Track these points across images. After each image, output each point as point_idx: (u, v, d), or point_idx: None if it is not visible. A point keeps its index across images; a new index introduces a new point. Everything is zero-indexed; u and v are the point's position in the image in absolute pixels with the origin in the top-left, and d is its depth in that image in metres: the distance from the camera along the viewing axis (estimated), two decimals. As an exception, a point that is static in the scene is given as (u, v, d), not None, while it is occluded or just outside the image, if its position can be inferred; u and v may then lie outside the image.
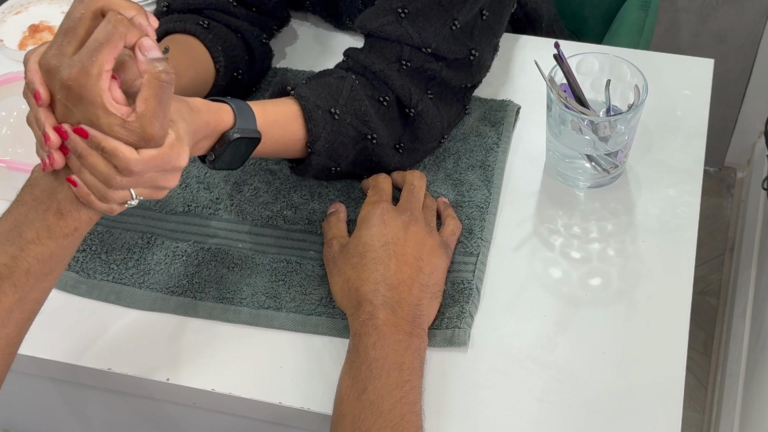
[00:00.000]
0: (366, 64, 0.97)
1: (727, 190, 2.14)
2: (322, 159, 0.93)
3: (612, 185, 1.02)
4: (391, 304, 0.84)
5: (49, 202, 0.73)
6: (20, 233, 0.73)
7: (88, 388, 0.95)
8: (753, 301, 1.70)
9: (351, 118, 0.93)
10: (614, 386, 0.86)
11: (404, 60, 0.97)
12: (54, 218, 0.73)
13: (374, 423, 0.76)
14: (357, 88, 0.94)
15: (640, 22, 1.32)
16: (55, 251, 0.74)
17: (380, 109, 0.96)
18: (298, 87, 0.92)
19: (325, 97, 0.92)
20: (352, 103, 0.93)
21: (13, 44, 1.18)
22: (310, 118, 0.90)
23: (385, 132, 0.96)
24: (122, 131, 0.70)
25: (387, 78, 0.96)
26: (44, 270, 0.74)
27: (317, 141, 0.91)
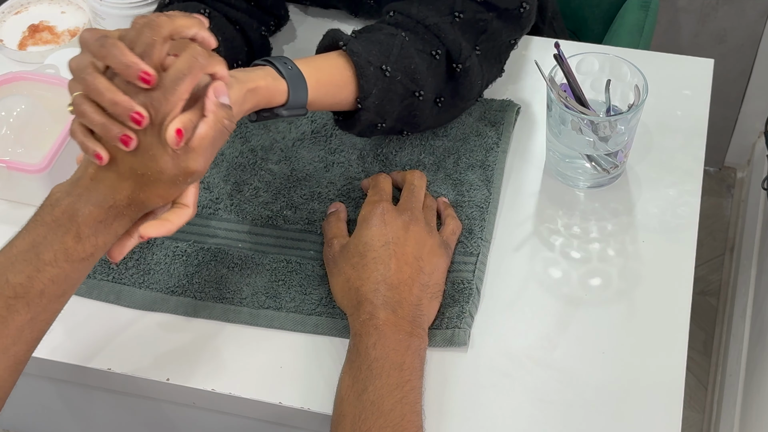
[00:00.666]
0: (418, 18, 0.97)
1: (727, 190, 2.13)
2: (370, 115, 0.93)
3: (612, 185, 1.02)
4: (392, 304, 0.84)
5: (69, 224, 0.74)
6: (38, 254, 0.73)
7: (88, 388, 0.95)
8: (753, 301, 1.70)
9: (401, 76, 0.93)
10: (614, 386, 0.86)
11: (457, 11, 0.97)
12: (73, 242, 0.74)
13: (375, 423, 0.76)
14: (407, 44, 0.94)
15: (640, 22, 1.32)
16: (70, 274, 0.75)
17: (432, 63, 0.95)
18: (350, 42, 0.91)
19: (376, 53, 0.92)
20: (403, 60, 0.93)
21: (12, 44, 1.18)
22: (362, 75, 0.90)
23: (432, 86, 0.96)
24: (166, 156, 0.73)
25: (440, 31, 0.96)
26: (57, 292, 0.75)
27: (368, 97, 0.91)
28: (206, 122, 0.74)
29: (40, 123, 1.00)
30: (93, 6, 1.14)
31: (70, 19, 1.21)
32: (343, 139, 1.05)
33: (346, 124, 0.95)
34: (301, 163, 1.03)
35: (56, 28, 1.19)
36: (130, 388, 0.91)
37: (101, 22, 1.15)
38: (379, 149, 1.04)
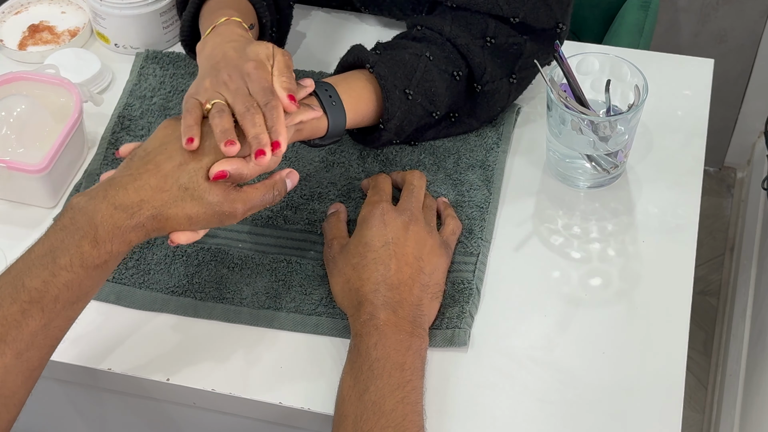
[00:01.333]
0: (449, 37, 0.99)
1: (727, 190, 2.13)
2: (390, 135, 0.97)
3: (612, 185, 1.02)
4: (392, 305, 0.84)
5: (87, 228, 0.75)
6: (54, 258, 0.74)
7: (88, 388, 0.95)
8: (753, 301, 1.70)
9: (422, 99, 0.96)
10: (614, 386, 0.86)
11: (489, 36, 0.99)
12: (89, 246, 0.75)
13: (376, 423, 0.76)
14: (430, 66, 0.97)
15: (640, 22, 1.32)
16: (84, 280, 0.75)
17: (452, 83, 0.98)
18: (377, 65, 0.94)
19: (400, 76, 0.95)
20: (424, 83, 0.96)
21: (13, 44, 1.18)
22: (388, 98, 0.94)
23: (447, 106, 0.99)
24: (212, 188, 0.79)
25: (469, 53, 0.98)
26: (71, 298, 0.75)
27: (391, 120, 0.95)
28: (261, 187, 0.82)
29: (40, 123, 1.00)
30: (93, 6, 1.14)
31: (70, 19, 1.21)
32: (343, 139, 1.05)
33: (364, 140, 0.98)
34: (301, 163, 1.03)
35: (56, 28, 1.19)
36: (130, 388, 0.90)
37: (101, 22, 1.15)
38: (379, 150, 1.04)
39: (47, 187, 0.99)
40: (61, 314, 0.75)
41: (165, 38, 1.17)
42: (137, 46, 1.16)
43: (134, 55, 1.16)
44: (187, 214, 0.78)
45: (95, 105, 1.07)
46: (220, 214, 0.80)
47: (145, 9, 1.13)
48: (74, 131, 1.00)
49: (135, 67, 1.15)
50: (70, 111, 1.02)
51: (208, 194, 0.79)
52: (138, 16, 1.13)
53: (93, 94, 1.06)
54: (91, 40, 1.20)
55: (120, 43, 1.16)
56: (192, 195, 0.78)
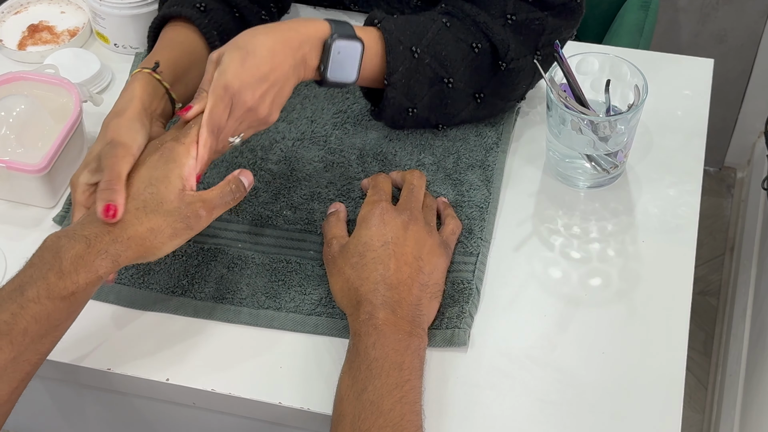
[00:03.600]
0: (470, 13, 0.99)
1: (727, 190, 2.13)
2: (398, 95, 0.96)
3: (612, 185, 1.02)
4: (391, 304, 0.84)
5: (53, 261, 0.77)
6: (22, 292, 0.76)
7: (88, 388, 0.95)
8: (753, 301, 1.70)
9: (430, 59, 0.95)
10: (614, 386, 0.86)
11: (509, 13, 0.98)
12: (55, 278, 0.76)
13: (374, 423, 0.76)
14: (445, 30, 0.96)
15: (640, 22, 1.32)
16: (52, 313, 0.76)
17: (469, 55, 0.97)
18: (384, 20, 0.94)
19: (409, 34, 0.94)
20: (435, 45, 0.95)
21: (12, 44, 1.18)
22: (390, 51, 0.93)
23: (465, 78, 0.98)
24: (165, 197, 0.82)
25: (488, 29, 0.98)
26: (40, 331, 0.76)
27: (393, 73, 0.94)
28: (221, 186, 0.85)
29: (40, 123, 1.00)
30: (93, 6, 1.14)
31: (70, 19, 1.21)
32: (342, 139, 1.05)
33: (377, 111, 0.99)
34: (301, 163, 1.03)
35: (56, 28, 1.19)
36: (129, 388, 0.91)
37: (101, 22, 1.15)
38: (379, 149, 1.04)
39: (47, 187, 0.99)
40: (30, 347, 0.76)
41: (165, 38, 1.17)
42: (137, 46, 1.16)
43: (134, 55, 1.16)
44: (148, 228, 0.80)
45: (95, 105, 1.07)
46: (185, 219, 0.81)
47: (145, 9, 1.13)
48: (74, 131, 1.00)
49: (134, 67, 1.15)
50: (69, 111, 1.02)
51: (164, 204, 0.81)
52: (138, 16, 1.13)
53: (92, 94, 1.06)
54: (91, 40, 1.20)
55: (119, 43, 1.16)
56: (146, 210, 0.81)
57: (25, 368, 0.77)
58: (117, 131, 0.86)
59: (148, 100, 0.91)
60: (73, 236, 0.78)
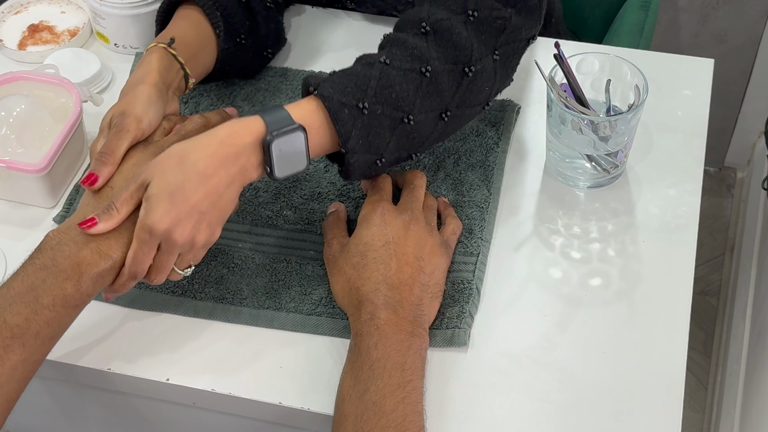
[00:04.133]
0: (422, 17, 0.91)
1: (727, 190, 2.13)
2: (360, 156, 0.88)
3: (612, 185, 1.02)
4: (393, 304, 0.84)
5: (71, 272, 0.78)
6: (36, 298, 0.77)
7: (88, 388, 0.95)
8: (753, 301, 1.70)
9: (382, 108, 0.87)
10: (614, 386, 0.86)
11: (470, 9, 0.91)
12: (73, 289, 0.78)
13: (377, 423, 0.76)
14: (387, 70, 0.88)
15: (640, 22, 1.32)
16: (63, 318, 0.79)
17: (422, 83, 0.88)
18: (320, 86, 0.86)
19: (351, 91, 0.86)
20: (382, 91, 0.87)
21: (12, 44, 1.18)
22: (337, 119, 0.85)
23: (426, 105, 0.89)
24: None
25: (451, 30, 0.90)
26: (50, 334, 0.78)
27: (348, 140, 0.86)
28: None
29: (40, 123, 1.00)
30: (93, 6, 1.14)
31: (70, 19, 1.21)
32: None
33: (345, 173, 0.90)
34: (301, 163, 1.03)
35: (56, 28, 1.19)
36: (130, 388, 0.90)
37: (101, 21, 1.15)
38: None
39: (47, 187, 0.99)
40: (39, 349, 0.78)
41: (165, 38, 1.17)
42: (137, 46, 1.16)
43: (134, 55, 1.16)
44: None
45: (95, 105, 1.07)
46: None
47: (145, 9, 1.13)
48: (74, 131, 1.00)
49: (135, 67, 1.15)
50: (69, 111, 1.02)
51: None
52: (138, 16, 1.13)
53: (93, 94, 1.06)
54: (91, 40, 1.20)
55: (120, 43, 1.16)
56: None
57: (33, 367, 0.78)
58: (131, 102, 0.86)
59: (165, 73, 0.92)
60: (87, 246, 0.79)
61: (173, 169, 0.80)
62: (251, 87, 1.11)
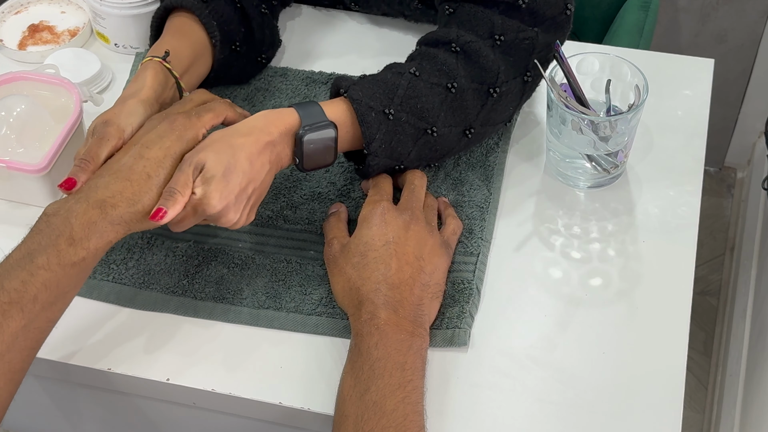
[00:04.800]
0: (451, 39, 0.95)
1: (727, 190, 2.13)
2: (381, 159, 0.93)
3: (612, 185, 1.02)
4: (393, 304, 0.84)
5: (62, 227, 0.77)
6: (32, 259, 0.76)
7: (88, 389, 0.95)
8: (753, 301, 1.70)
9: (407, 116, 0.91)
10: (614, 386, 0.86)
11: (497, 34, 0.95)
12: (65, 244, 0.76)
13: (377, 423, 0.76)
14: (415, 81, 0.92)
15: (640, 23, 1.32)
16: (62, 279, 0.77)
17: (447, 98, 0.93)
18: (351, 89, 0.91)
19: (379, 97, 0.91)
20: (409, 101, 0.92)
21: (12, 44, 1.18)
22: (363, 122, 0.90)
23: (449, 120, 0.94)
24: None
25: (479, 52, 0.94)
26: (50, 298, 0.76)
27: (372, 142, 0.91)
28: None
29: (40, 123, 1.00)
30: (93, 6, 1.14)
31: (70, 19, 1.21)
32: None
33: (362, 172, 0.95)
34: (301, 163, 1.03)
35: (56, 28, 1.19)
36: (130, 388, 0.91)
37: (101, 21, 1.15)
38: None
39: (47, 187, 0.99)
40: (40, 315, 0.76)
41: (165, 38, 1.17)
42: (137, 46, 1.16)
43: (134, 55, 1.16)
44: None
45: (95, 105, 1.07)
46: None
47: (145, 9, 1.13)
48: (74, 131, 1.00)
49: (135, 67, 1.15)
50: (70, 111, 1.02)
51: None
52: (138, 16, 1.13)
53: (93, 94, 1.06)
54: (91, 40, 1.20)
55: (120, 43, 1.16)
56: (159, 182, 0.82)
57: (36, 335, 0.77)
58: (116, 113, 0.87)
59: (160, 89, 0.92)
60: (85, 200, 0.78)
61: (225, 152, 0.83)
62: (251, 87, 1.11)
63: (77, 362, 0.89)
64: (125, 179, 0.80)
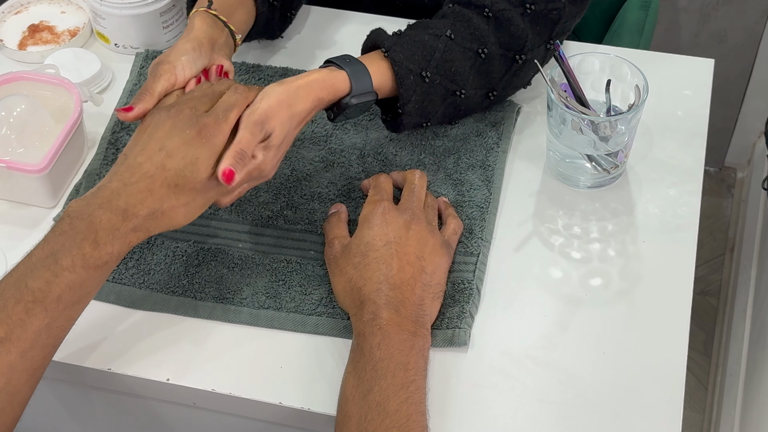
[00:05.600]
0: (486, 3, 0.98)
1: (727, 190, 2.14)
2: (413, 118, 0.97)
3: (612, 185, 1.02)
4: (395, 304, 0.84)
5: (87, 231, 0.78)
6: (56, 260, 0.77)
7: (88, 389, 0.95)
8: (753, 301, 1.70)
9: (441, 79, 0.96)
10: (614, 386, 0.86)
11: (528, 3, 0.98)
12: (90, 248, 0.78)
13: (381, 423, 0.76)
14: (451, 46, 0.96)
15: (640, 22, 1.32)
16: (86, 281, 0.78)
17: (476, 62, 0.98)
18: (392, 50, 0.94)
19: (417, 59, 0.95)
20: (444, 64, 0.96)
21: (12, 44, 1.18)
22: (402, 84, 0.94)
23: (477, 84, 0.99)
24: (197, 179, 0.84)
25: (510, 21, 0.98)
26: (73, 299, 0.78)
27: (407, 103, 0.95)
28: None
29: (40, 123, 1.00)
30: (93, 6, 1.14)
31: (70, 19, 1.21)
32: (343, 139, 1.05)
33: (392, 126, 0.99)
34: (301, 163, 1.03)
35: (56, 28, 1.19)
36: (130, 388, 0.90)
37: (101, 21, 1.15)
38: (379, 149, 1.04)
39: (47, 187, 0.99)
40: (63, 314, 0.77)
41: (165, 38, 1.17)
42: (137, 46, 1.16)
43: (134, 55, 1.16)
44: (181, 203, 0.82)
45: (95, 105, 1.07)
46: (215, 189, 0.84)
47: (145, 9, 1.13)
48: (74, 131, 1.00)
49: (135, 67, 1.15)
50: (70, 111, 1.02)
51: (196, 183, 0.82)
52: (138, 16, 1.13)
53: (93, 94, 1.06)
54: (91, 40, 1.20)
55: (120, 43, 1.16)
56: (181, 189, 0.82)
57: (57, 333, 0.78)
58: (167, 53, 0.92)
59: (209, 31, 0.96)
60: (108, 207, 0.79)
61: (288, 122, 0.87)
62: (251, 87, 1.11)
63: (77, 362, 0.89)
64: (147, 189, 0.81)
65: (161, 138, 0.83)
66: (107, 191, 0.81)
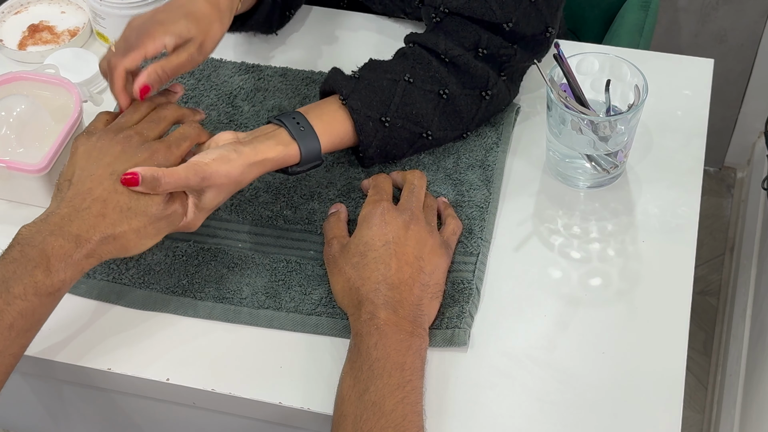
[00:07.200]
0: (440, 51, 0.99)
1: (727, 190, 2.14)
2: (376, 159, 0.99)
3: (612, 185, 1.02)
4: (393, 304, 0.84)
5: (39, 259, 0.78)
6: (8, 288, 0.77)
7: (88, 388, 0.95)
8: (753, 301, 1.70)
9: (402, 122, 0.97)
10: (614, 386, 0.86)
11: (481, 48, 0.99)
12: (42, 275, 0.78)
13: (376, 423, 0.76)
14: (409, 89, 0.97)
15: (640, 22, 1.32)
16: (38, 308, 0.78)
17: (439, 104, 0.99)
18: (349, 98, 0.95)
19: (376, 105, 0.96)
20: (404, 107, 0.97)
21: (12, 44, 1.18)
22: (361, 131, 0.95)
23: (443, 125, 1.00)
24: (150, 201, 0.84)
25: (467, 63, 0.99)
26: (25, 326, 0.78)
27: (368, 148, 0.97)
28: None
29: (40, 123, 1.00)
30: (93, 6, 1.14)
31: (70, 19, 1.21)
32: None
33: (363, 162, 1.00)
34: (301, 163, 1.03)
35: (56, 28, 1.19)
36: (130, 388, 0.91)
37: (101, 21, 1.15)
38: None
39: (47, 187, 0.99)
40: (15, 342, 0.78)
41: (165, 38, 1.17)
42: (137, 46, 1.16)
43: (134, 55, 1.16)
44: (133, 228, 0.82)
45: (95, 105, 1.07)
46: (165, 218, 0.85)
47: (145, 9, 1.13)
48: (74, 131, 1.00)
49: (135, 67, 1.15)
50: (69, 111, 1.02)
51: (150, 207, 0.83)
52: (138, 16, 1.13)
53: (93, 94, 1.07)
54: (91, 40, 1.20)
55: (120, 43, 1.16)
56: (134, 212, 0.82)
57: (10, 361, 0.78)
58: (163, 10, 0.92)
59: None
60: (60, 233, 0.79)
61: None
62: (251, 87, 1.11)
63: (77, 362, 0.89)
64: (99, 214, 0.81)
65: (111, 163, 0.84)
66: (57, 217, 0.81)
